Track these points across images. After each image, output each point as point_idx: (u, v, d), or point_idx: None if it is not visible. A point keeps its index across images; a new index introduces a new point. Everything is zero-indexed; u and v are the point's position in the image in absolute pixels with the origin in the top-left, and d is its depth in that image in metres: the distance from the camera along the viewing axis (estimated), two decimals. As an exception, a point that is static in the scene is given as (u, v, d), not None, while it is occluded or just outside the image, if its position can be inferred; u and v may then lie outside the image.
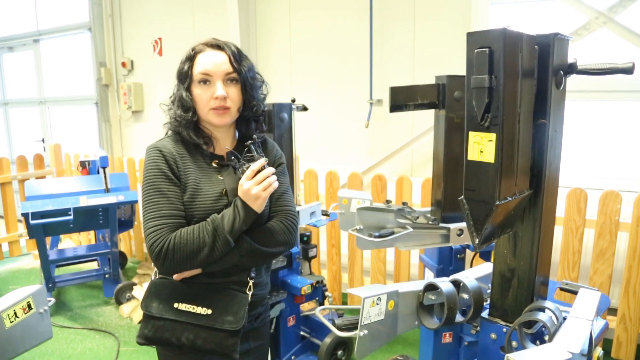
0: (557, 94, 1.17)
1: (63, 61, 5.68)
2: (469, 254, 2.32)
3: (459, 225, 2.06)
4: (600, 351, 1.20)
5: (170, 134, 1.39)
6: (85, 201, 3.13)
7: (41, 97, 5.97)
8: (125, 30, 4.90)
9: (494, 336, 1.31)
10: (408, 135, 3.54)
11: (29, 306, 1.47)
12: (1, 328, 1.38)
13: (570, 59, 1.20)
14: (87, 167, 3.83)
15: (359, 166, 3.66)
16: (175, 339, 1.29)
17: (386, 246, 2.06)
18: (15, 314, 1.43)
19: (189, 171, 1.32)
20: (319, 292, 2.81)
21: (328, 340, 2.67)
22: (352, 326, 1.20)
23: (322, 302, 2.89)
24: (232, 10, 3.94)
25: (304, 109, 2.68)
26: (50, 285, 3.47)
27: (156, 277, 1.38)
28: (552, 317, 1.13)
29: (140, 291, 3.50)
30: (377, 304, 1.15)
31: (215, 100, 1.30)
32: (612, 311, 2.73)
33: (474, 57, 0.99)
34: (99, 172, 3.65)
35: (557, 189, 1.27)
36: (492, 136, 1.00)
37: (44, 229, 3.20)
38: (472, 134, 1.03)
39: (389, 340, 1.22)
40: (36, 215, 3.07)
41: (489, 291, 1.40)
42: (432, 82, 2.05)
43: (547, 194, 1.19)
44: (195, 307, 1.30)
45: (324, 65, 3.83)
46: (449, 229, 2.05)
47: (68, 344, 3.09)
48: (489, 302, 1.37)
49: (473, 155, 1.03)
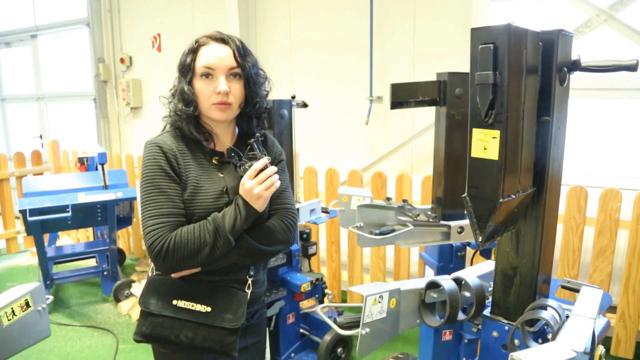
0: (561, 91, 1.16)
1: (61, 57, 5.65)
2: (469, 251, 2.32)
3: (460, 223, 2.05)
4: (602, 349, 1.19)
5: (169, 129, 1.35)
6: (83, 198, 3.12)
7: (39, 93, 5.94)
8: (124, 26, 4.88)
9: (495, 334, 1.30)
10: (408, 132, 3.53)
11: (27, 304, 1.46)
12: (-1, 326, 1.37)
13: (574, 56, 1.19)
14: (86, 164, 3.81)
15: (359, 163, 3.65)
16: (174, 337, 1.27)
17: (387, 244, 2.05)
18: (13, 311, 1.42)
19: (190, 168, 1.29)
20: (318, 290, 2.80)
21: (328, 337, 2.66)
22: (354, 324, 1.19)
23: (322, 300, 2.89)
24: (231, 7, 3.92)
25: (304, 105, 2.67)
26: (48, 283, 3.45)
27: (153, 273, 1.36)
28: (554, 316, 1.12)
29: (139, 288, 3.49)
30: (379, 302, 1.14)
31: (218, 96, 1.28)
32: (611, 309, 2.73)
33: (478, 53, 0.98)
34: (97, 169, 3.63)
35: (560, 187, 1.26)
36: (496, 133, 0.99)
37: (41, 225, 3.18)
38: (475, 131, 1.02)
39: (390, 339, 1.21)
40: (34, 211, 3.05)
41: (490, 289, 1.40)
42: (433, 79, 2.04)
43: (550, 192, 1.19)
44: (194, 304, 1.28)
45: (324, 63, 3.82)
46: (449, 227, 2.04)
47: (66, 341, 3.08)
48: (490, 300, 1.37)
49: (477, 152, 1.02)
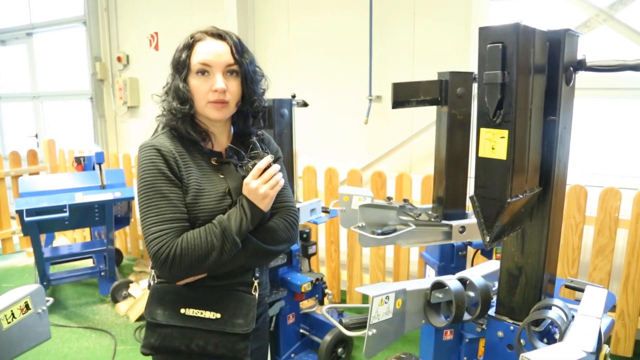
0: (567, 90, 1.16)
1: (57, 55, 5.60)
2: (470, 251, 2.32)
3: (461, 222, 2.05)
4: (607, 348, 1.19)
5: (165, 130, 1.29)
6: (81, 198, 3.09)
7: (35, 92, 5.89)
8: (121, 25, 4.84)
9: (500, 334, 1.30)
10: (407, 131, 3.53)
11: (27, 306, 1.44)
12: (-1, 328, 1.35)
13: (580, 56, 1.19)
14: (83, 163, 3.79)
15: (358, 163, 3.64)
16: (185, 347, 1.23)
17: (388, 243, 2.04)
18: (12, 314, 1.40)
19: (190, 171, 1.24)
20: (318, 290, 2.80)
21: (328, 338, 2.66)
22: (360, 325, 1.19)
23: (322, 300, 2.88)
24: (230, 5, 3.90)
25: (305, 104, 2.67)
26: (45, 284, 3.43)
27: (154, 281, 1.31)
28: (561, 315, 1.12)
29: (137, 289, 3.47)
30: (386, 303, 1.14)
31: (214, 93, 1.22)
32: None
33: (486, 52, 0.97)
34: (94, 168, 3.61)
35: (565, 187, 1.26)
36: (504, 133, 0.98)
37: (38, 226, 3.15)
38: (483, 131, 1.01)
39: (396, 339, 1.20)
40: (31, 212, 3.02)
41: (494, 289, 1.40)
42: (433, 79, 2.03)
43: (556, 192, 1.18)
44: (203, 311, 1.24)
45: (323, 62, 3.81)
46: (451, 226, 2.04)
47: (64, 342, 3.06)
48: (494, 300, 1.37)
49: (484, 152, 1.02)
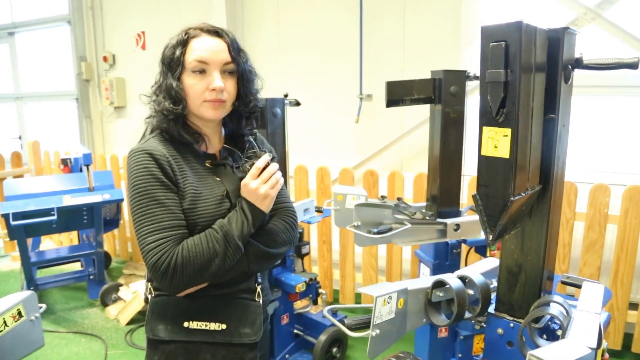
0: (566, 88, 1.17)
1: (41, 55, 5.49)
2: (464, 248, 2.33)
3: (456, 220, 2.06)
4: (605, 343, 1.21)
5: (155, 133, 1.22)
6: (69, 200, 3.03)
7: (17, 93, 5.76)
8: (107, 24, 4.76)
9: (500, 331, 1.31)
10: (398, 130, 3.54)
11: (20, 314, 1.41)
12: (-9, 336, 1.32)
13: (577, 54, 1.20)
14: (69, 165, 3.72)
15: (349, 161, 3.64)
16: None
17: (384, 242, 2.05)
18: (5, 322, 1.37)
19: (186, 175, 1.18)
20: (312, 290, 2.79)
21: (323, 337, 2.65)
22: (363, 325, 1.18)
23: (316, 300, 2.87)
24: (218, 3, 3.86)
25: (297, 104, 2.65)
26: (32, 288, 3.35)
27: (152, 295, 1.24)
28: (562, 312, 1.13)
29: (127, 292, 3.42)
30: (388, 303, 1.13)
31: (212, 92, 1.17)
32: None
33: (489, 50, 0.97)
34: (81, 170, 3.55)
35: (563, 184, 1.27)
36: (507, 131, 0.99)
37: (25, 230, 3.08)
38: (486, 129, 1.01)
39: (398, 339, 1.20)
40: (17, 215, 2.95)
41: (492, 286, 1.40)
42: (425, 77, 2.03)
43: (555, 189, 1.19)
44: (208, 323, 1.18)
45: (312, 61, 3.79)
46: (445, 224, 2.05)
47: (52, 348, 3.00)
48: (493, 297, 1.37)
49: (487, 150, 1.02)
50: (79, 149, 3.74)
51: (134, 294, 3.29)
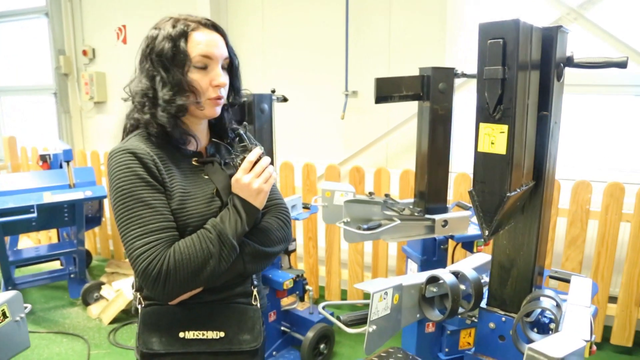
0: (558, 86, 1.19)
1: (17, 48, 5.31)
2: (451, 244, 2.36)
3: (444, 217, 2.08)
4: (593, 336, 1.24)
5: (137, 132, 1.14)
6: (49, 197, 2.95)
7: (-9, 87, 5.58)
8: (86, 17, 4.64)
9: (492, 325, 1.33)
10: (384, 127, 3.55)
11: (4, 314, 1.36)
12: (-26, 338, 1.27)
13: (568, 52, 1.22)
14: (48, 161, 3.62)
15: (335, 158, 3.64)
16: None
17: (374, 238, 2.05)
18: (-12, 322, 1.33)
19: (172, 174, 1.11)
20: (299, 286, 2.79)
21: (311, 334, 2.65)
22: (358, 322, 1.18)
23: (303, 297, 2.87)
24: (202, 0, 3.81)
25: (284, 100, 2.64)
26: (9, 288, 3.26)
27: (142, 304, 1.16)
28: (555, 306, 1.15)
29: (110, 290, 3.35)
30: (384, 299, 1.14)
31: (215, 89, 1.12)
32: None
33: (487, 48, 0.98)
34: (61, 167, 3.46)
35: (554, 181, 1.30)
36: (504, 128, 0.99)
37: (3, 228, 2.99)
38: (483, 126, 1.02)
39: (394, 334, 1.21)
40: (-5, 213, 2.86)
41: (482, 281, 1.42)
42: (413, 74, 2.04)
43: (547, 186, 1.21)
44: (205, 332, 1.12)
45: (298, 57, 3.77)
46: (434, 220, 2.07)
47: (33, 349, 2.92)
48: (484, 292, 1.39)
49: (483, 147, 1.03)
50: (58, 145, 3.65)
51: (117, 292, 3.23)
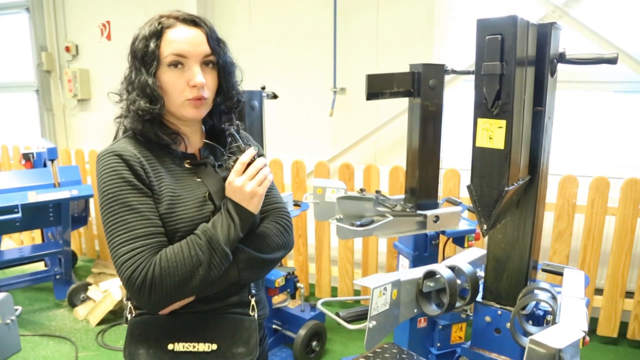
0: (552, 82, 1.20)
1: (-4, 44, 5.18)
2: (442, 239, 2.38)
3: (435, 212, 2.09)
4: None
5: (127, 133, 1.11)
6: (34, 197, 2.88)
7: (-31, 84, 5.42)
8: (69, 12, 4.53)
9: (488, 319, 1.34)
10: (372, 124, 3.56)
11: (-6, 315, 1.33)
12: (-37, 341, 1.24)
13: (560, 49, 1.24)
14: (32, 160, 3.54)
15: (323, 155, 3.64)
16: None
17: (366, 235, 2.06)
18: (-23, 324, 1.29)
19: (161, 177, 1.07)
20: (290, 284, 2.78)
21: (302, 332, 2.65)
22: (357, 317, 1.18)
23: (294, 294, 2.87)
24: (188, -6, 3.76)
25: (275, 96, 2.63)
26: (-7, 290, 3.19)
27: (132, 314, 1.10)
28: (552, 298, 1.17)
29: (97, 291, 3.30)
30: (384, 294, 1.14)
31: (193, 89, 1.06)
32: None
33: (485, 44, 0.99)
34: (45, 165, 3.38)
35: (548, 176, 1.31)
36: (502, 123, 1.00)
37: (-15, 228, 2.93)
38: (481, 121, 1.03)
39: (392, 329, 1.21)
40: (-23, 213, 2.79)
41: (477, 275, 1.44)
42: (405, 70, 2.05)
43: (541, 180, 1.23)
44: (196, 344, 1.06)
45: (286, 54, 3.75)
46: (425, 216, 2.08)
47: (18, 353, 2.83)
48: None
49: (482, 141, 1.04)
50: (42, 143, 3.57)
51: (105, 293, 3.18)
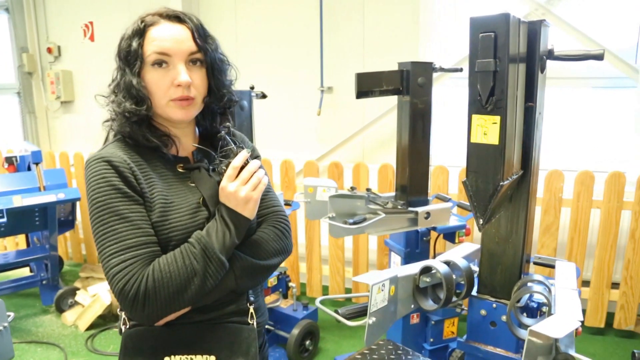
0: (542, 78, 1.23)
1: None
2: (432, 236, 2.40)
3: (426, 209, 2.11)
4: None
5: (117, 137, 1.07)
6: (19, 201, 2.83)
7: (-54, 87, 5.29)
8: (50, 13, 4.45)
9: (484, 312, 1.36)
10: (359, 122, 3.58)
11: (-15, 322, 1.30)
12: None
13: (549, 46, 1.27)
14: (15, 164, 3.46)
15: (311, 154, 3.64)
16: None
17: (359, 233, 2.07)
18: (-32, 332, 1.26)
19: (153, 183, 1.02)
20: (282, 284, 2.78)
21: (296, 331, 2.65)
22: (356, 314, 1.19)
23: (286, 294, 2.87)
24: (173, -6, 3.72)
25: (264, 96, 2.62)
26: (-23, 297, 3.11)
27: (126, 326, 1.07)
28: (546, 290, 1.19)
29: (85, 296, 3.25)
30: (382, 290, 1.15)
31: (177, 89, 1.01)
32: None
33: (478, 41, 1.00)
34: (29, 169, 3.32)
35: (539, 170, 1.34)
36: (497, 119, 1.02)
37: (-32, 234, 2.86)
38: (475, 117, 1.05)
39: (390, 326, 1.22)
40: (-41, 219, 2.73)
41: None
42: (394, 69, 2.06)
43: (533, 174, 1.25)
44: (193, 356, 1.02)
45: (273, 54, 3.75)
46: (417, 213, 2.10)
47: None
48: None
49: (476, 137, 1.05)
50: (26, 147, 3.50)
51: (94, 297, 3.14)
